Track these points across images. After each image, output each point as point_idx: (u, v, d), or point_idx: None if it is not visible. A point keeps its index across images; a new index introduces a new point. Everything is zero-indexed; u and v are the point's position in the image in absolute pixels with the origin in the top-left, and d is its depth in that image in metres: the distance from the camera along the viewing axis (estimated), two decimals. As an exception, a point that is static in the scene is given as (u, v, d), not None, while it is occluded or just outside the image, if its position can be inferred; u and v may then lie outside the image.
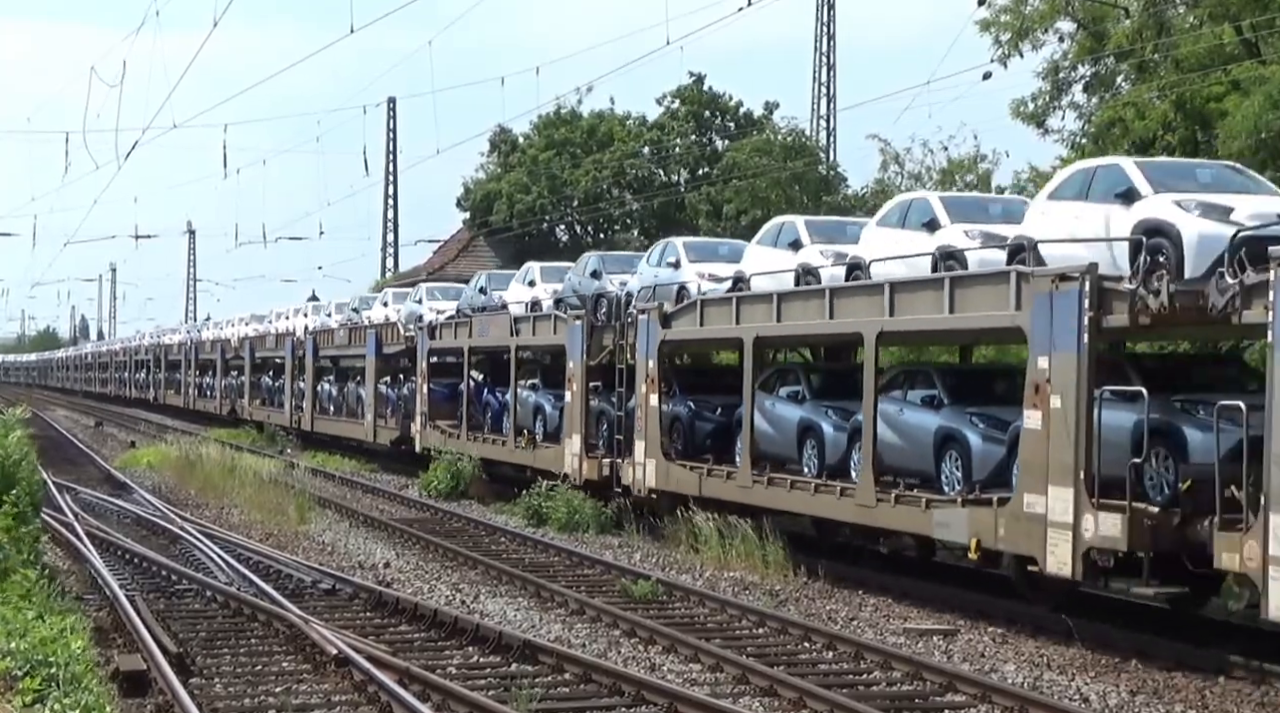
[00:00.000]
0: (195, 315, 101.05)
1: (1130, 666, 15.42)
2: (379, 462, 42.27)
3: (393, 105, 69.89)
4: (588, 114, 61.43)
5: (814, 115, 49.17)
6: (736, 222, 45.38)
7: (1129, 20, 32.89)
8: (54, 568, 19.79)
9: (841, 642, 16.22)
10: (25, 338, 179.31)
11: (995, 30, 34.39)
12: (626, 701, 13.59)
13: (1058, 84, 34.55)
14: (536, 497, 28.03)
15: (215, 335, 66.61)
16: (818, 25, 49.31)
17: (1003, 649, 16.44)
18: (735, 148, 51.10)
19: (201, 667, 14.74)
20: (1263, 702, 13.98)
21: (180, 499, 32.30)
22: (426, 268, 61.56)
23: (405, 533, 26.33)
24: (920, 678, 14.63)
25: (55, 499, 27.71)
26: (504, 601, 19.41)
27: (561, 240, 60.44)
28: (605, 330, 28.37)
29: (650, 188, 58.14)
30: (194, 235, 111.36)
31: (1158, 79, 31.08)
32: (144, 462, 41.51)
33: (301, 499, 29.29)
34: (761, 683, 14.22)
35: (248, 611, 17.70)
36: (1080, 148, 32.72)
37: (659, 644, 16.26)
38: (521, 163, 60.45)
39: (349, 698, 13.54)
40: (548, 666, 14.91)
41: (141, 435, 56.14)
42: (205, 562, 21.85)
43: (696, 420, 25.69)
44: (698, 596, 19.32)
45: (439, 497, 32.56)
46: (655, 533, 25.30)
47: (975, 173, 42.33)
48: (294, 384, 50.74)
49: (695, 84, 59.30)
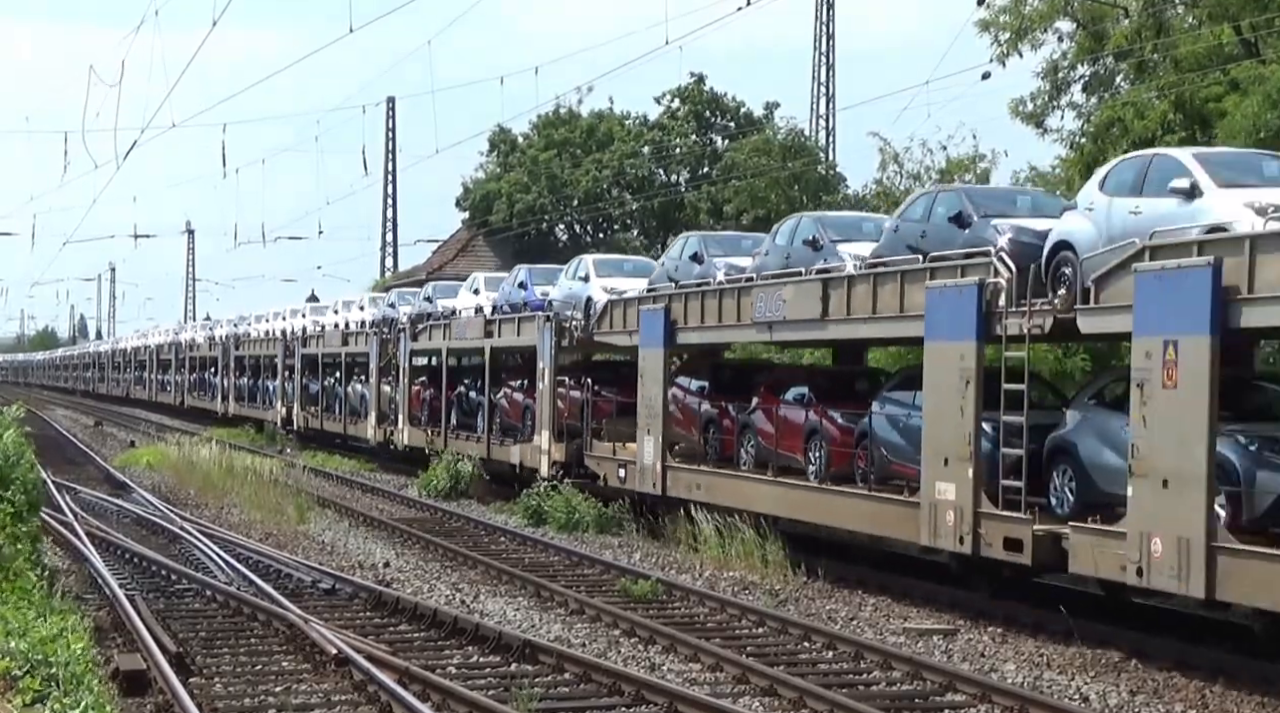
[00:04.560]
0: (194, 315, 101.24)
1: (1130, 666, 15.42)
2: (379, 462, 42.25)
3: (392, 105, 69.93)
4: (587, 114, 61.44)
5: (813, 115, 49.24)
6: (737, 221, 45.38)
7: (1128, 20, 32.87)
8: (54, 568, 19.78)
9: (841, 642, 16.22)
10: (25, 338, 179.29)
11: (994, 30, 34.37)
12: (626, 700, 13.60)
13: (1057, 84, 34.52)
14: (536, 496, 28.03)
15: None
16: (817, 25, 49.37)
17: (1003, 649, 16.44)
18: (735, 148, 51.11)
19: (201, 666, 14.75)
20: (1263, 702, 13.98)
21: (180, 499, 32.29)
22: (426, 268, 61.57)
23: (405, 533, 26.33)
24: (920, 678, 14.63)
25: (55, 499, 27.69)
26: (504, 600, 19.41)
27: (561, 240, 60.42)
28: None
29: (650, 188, 58.14)
30: (193, 235, 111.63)
31: (1157, 79, 31.07)
32: (143, 461, 41.50)
33: (301, 499, 29.30)
34: (761, 683, 14.22)
35: (247, 610, 17.70)
36: (1080, 148, 32.71)
37: (659, 644, 16.26)
38: (521, 163, 60.44)
39: (349, 698, 13.54)
40: (548, 665, 14.91)
41: (141, 435, 56.12)
42: (205, 561, 21.86)
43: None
44: (697, 595, 19.32)
45: (439, 496, 32.55)
46: (655, 533, 25.32)
47: (974, 173, 42.28)
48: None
49: (696, 84, 59.31)
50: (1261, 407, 16.19)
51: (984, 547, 17.48)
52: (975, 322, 17.70)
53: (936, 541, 18.32)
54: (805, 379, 23.81)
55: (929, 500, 18.36)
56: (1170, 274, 14.93)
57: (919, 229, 19.88)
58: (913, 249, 19.61)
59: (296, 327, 52.88)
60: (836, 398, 22.08)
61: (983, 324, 17.67)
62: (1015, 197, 20.90)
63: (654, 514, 25.86)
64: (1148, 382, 15.08)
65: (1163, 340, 14.91)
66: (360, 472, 40.44)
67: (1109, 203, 16.63)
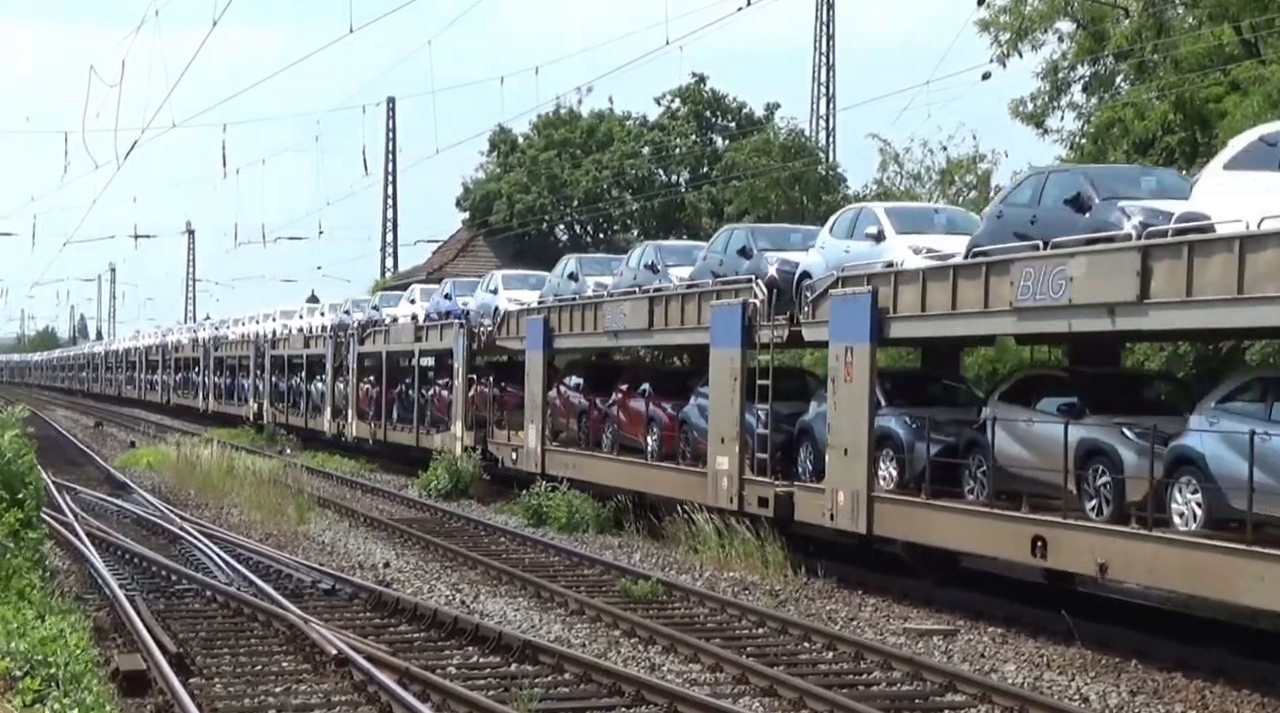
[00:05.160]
0: (195, 315, 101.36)
1: (1130, 666, 15.42)
2: (378, 462, 42.29)
3: (392, 105, 69.93)
4: (587, 114, 61.43)
5: (813, 115, 49.23)
6: (738, 221, 45.32)
7: (1128, 20, 32.88)
8: (54, 568, 19.78)
9: (841, 642, 16.22)
10: (25, 338, 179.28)
11: (994, 30, 34.39)
12: (626, 701, 13.60)
13: (1057, 84, 34.54)
14: (536, 497, 28.10)
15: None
16: (817, 25, 49.36)
17: (1003, 649, 16.44)
18: (735, 148, 51.10)
19: (201, 667, 14.75)
20: (1263, 702, 13.98)
21: (180, 499, 32.30)
22: (426, 268, 61.59)
23: (405, 533, 26.34)
24: (920, 678, 14.63)
25: (55, 499, 27.70)
26: (504, 601, 19.41)
27: (561, 241, 60.42)
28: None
29: (650, 188, 58.14)
30: (193, 235, 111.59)
31: (1157, 79, 31.07)
32: (144, 462, 41.51)
33: (301, 499, 29.30)
34: (761, 683, 14.22)
35: (247, 611, 17.70)
36: (1080, 148, 32.71)
37: (659, 644, 16.26)
38: (521, 163, 60.44)
39: (349, 698, 13.55)
40: (548, 666, 14.92)
41: (141, 435, 56.14)
42: (205, 562, 21.86)
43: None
44: (698, 596, 19.33)
45: (439, 497, 32.57)
46: (655, 533, 25.34)
47: (975, 173, 42.31)
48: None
49: (696, 84, 59.30)
50: (934, 396, 21.33)
51: (746, 504, 22.54)
52: (740, 332, 22.71)
53: (718, 501, 23.11)
54: (649, 377, 28.28)
55: (713, 471, 23.40)
56: (849, 297, 20.26)
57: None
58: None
59: (267, 330, 56.84)
60: (670, 393, 26.48)
61: (746, 334, 22.68)
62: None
63: (654, 515, 25.94)
64: (837, 377, 20.37)
65: (844, 346, 20.12)
66: (360, 472, 40.46)
67: (832, 243, 21.96)
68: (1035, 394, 18.23)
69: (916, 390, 21.50)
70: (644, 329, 26.33)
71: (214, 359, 63.50)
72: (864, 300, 19.67)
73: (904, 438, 19.80)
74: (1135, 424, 16.30)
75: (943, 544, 19.07)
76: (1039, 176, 19.10)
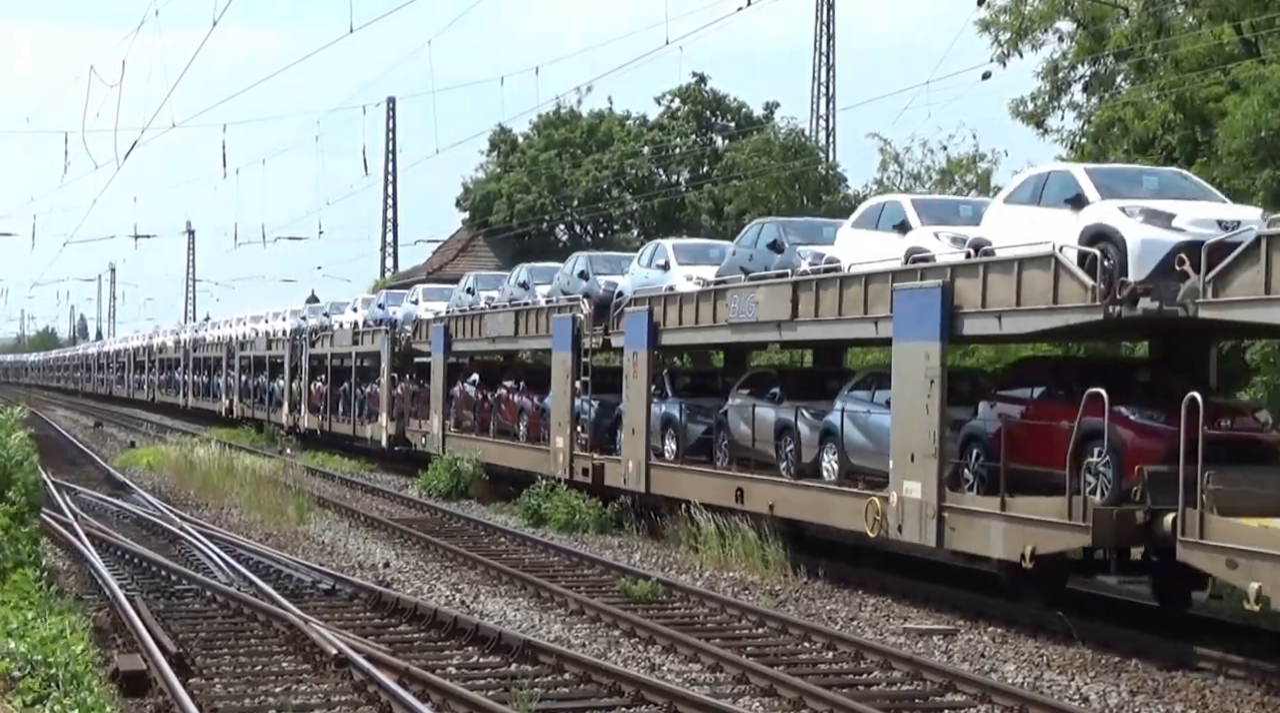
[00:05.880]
0: (195, 315, 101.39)
1: (1130, 666, 15.42)
2: (378, 462, 42.33)
3: (392, 105, 69.90)
4: (587, 114, 61.37)
5: (813, 115, 49.18)
6: (738, 221, 45.31)
7: (1128, 20, 32.83)
8: (54, 568, 19.78)
9: (841, 642, 16.23)
10: (24, 338, 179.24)
11: (994, 30, 34.34)
12: (626, 701, 13.60)
13: (1057, 84, 34.48)
14: (536, 497, 28.14)
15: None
16: (817, 25, 49.33)
17: (1003, 649, 16.45)
18: (735, 148, 51.06)
19: (201, 667, 14.75)
20: (1263, 702, 13.98)
21: (180, 499, 32.30)
22: (426, 268, 61.55)
23: (405, 533, 26.34)
24: (920, 678, 14.64)
25: (55, 499, 27.70)
26: (504, 601, 19.42)
27: (561, 240, 60.37)
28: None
29: (650, 188, 58.10)
30: (193, 235, 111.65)
31: (1157, 79, 31.03)
32: (144, 462, 41.52)
33: (301, 499, 29.31)
34: (761, 683, 14.22)
35: (247, 611, 17.70)
36: (1080, 147, 32.68)
37: (659, 644, 16.26)
38: (521, 163, 60.36)
39: (349, 698, 13.55)
40: (548, 666, 14.92)
41: (141, 436, 56.15)
42: (205, 562, 21.86)
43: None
44: (697, 596, 19.33)
45: (438, 497, 32.59)
46: (655, 533, 25.35)
47: (975, 173, 42.33)
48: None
49: (697, 84, 59.25)
50: (710, 389, 26.70)
51: (575, 474, 28.27)
52: (571, 339, 28.86)
53: (556, 472, 28.85)
54: (524, 375, 34.29)
55: (553, 449, 29.43)
56: (636, 314, 26.61)
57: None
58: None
59: (238, 333, 62.14)
60: (540, 387, 31.56)
61: (575, 341, 28.78)
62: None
63: (654, 513, 26.03)
64: (629, 376, 26.65)
65: (634, 351, 26.56)
66: (360, 472, 40.50)
67: (638, 271, 28.04)
68: (761, 387, 24.18)
69: (696, 385, 27.61)
70: (511, 336, 33.41)
71: (193, 360, 69.43)
72: (642, 317, 26.28)
73: (680, 420, 25.80)
74: (810, 407, 21.96)
75: (688, 497, 23.97)
76: (757, 225, 25.50)
